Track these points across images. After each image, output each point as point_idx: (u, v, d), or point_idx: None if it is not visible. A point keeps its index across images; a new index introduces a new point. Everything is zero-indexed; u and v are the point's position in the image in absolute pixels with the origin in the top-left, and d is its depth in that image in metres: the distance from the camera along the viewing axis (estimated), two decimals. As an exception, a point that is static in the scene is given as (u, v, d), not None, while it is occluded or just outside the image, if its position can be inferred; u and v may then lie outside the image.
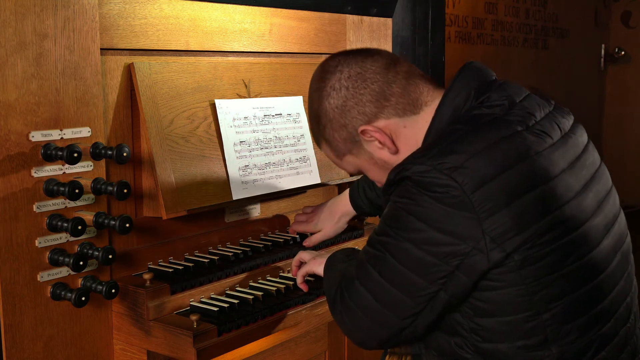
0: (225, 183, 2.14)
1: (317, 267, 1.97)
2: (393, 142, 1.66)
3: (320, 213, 2.35)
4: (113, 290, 1.80)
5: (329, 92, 1.67)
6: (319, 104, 1.70)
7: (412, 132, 1.65)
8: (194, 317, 1.77)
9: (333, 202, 2.36)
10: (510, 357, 1.54)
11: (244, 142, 2.22)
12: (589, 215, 1.56)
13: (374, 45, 2.76)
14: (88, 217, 1.80)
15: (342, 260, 1.83)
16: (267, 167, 2.27)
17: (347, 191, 2.33)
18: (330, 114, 1.68)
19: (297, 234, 2.37)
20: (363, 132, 1.66)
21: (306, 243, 2.31)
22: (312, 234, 2.34)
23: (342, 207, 2.33)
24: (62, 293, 1.78)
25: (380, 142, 1.67)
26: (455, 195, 1.44)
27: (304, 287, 2.05)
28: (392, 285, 1.52)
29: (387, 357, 1.88)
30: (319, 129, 1.74)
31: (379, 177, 1.75)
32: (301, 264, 2.06)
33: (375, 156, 1.70)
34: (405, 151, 1.64)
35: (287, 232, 2.41)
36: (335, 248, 2.35)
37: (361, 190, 2.27)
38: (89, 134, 1.84)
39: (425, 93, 1.66)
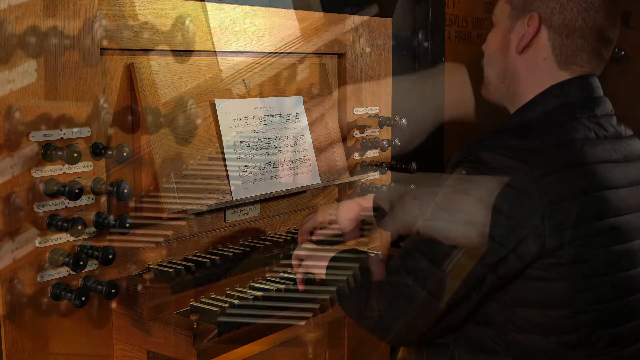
0: (225, 183, 2.14)
1: (312, 268, 1.92)
2: (524, 49, 1.68)
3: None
4: (113, 290, 1.80)
5: None
6: None
7: (535, 68, 1.68)
8: (194, 317, 1.77)
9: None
10: (540, 351, 1.54)
11: (244, 142, 2.22)
12: None
13: (373, 45, 2.76)
14: (88, 217, 1.80)
15: (352, 262, 1.80)
16: (267, 167, 2.27)
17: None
18: None
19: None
20: (531, 15, 1.66)
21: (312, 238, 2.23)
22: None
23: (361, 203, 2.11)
24: (62, 293, 1.78)
25: (524, 34, 1.67)
26: (522, 178, 1.48)
27: (300, 287, 2.05)
28: (440, 270, 1.52)
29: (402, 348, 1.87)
30: None
31: (488, 64, 1.78)
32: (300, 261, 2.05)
33: (508, 35, 1.72)
34: (520, 65, 1.69)
35: (287, 232, 2.41)
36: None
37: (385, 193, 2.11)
38: (89, 134, 1.84)
39: (579, 66, 1.67)
